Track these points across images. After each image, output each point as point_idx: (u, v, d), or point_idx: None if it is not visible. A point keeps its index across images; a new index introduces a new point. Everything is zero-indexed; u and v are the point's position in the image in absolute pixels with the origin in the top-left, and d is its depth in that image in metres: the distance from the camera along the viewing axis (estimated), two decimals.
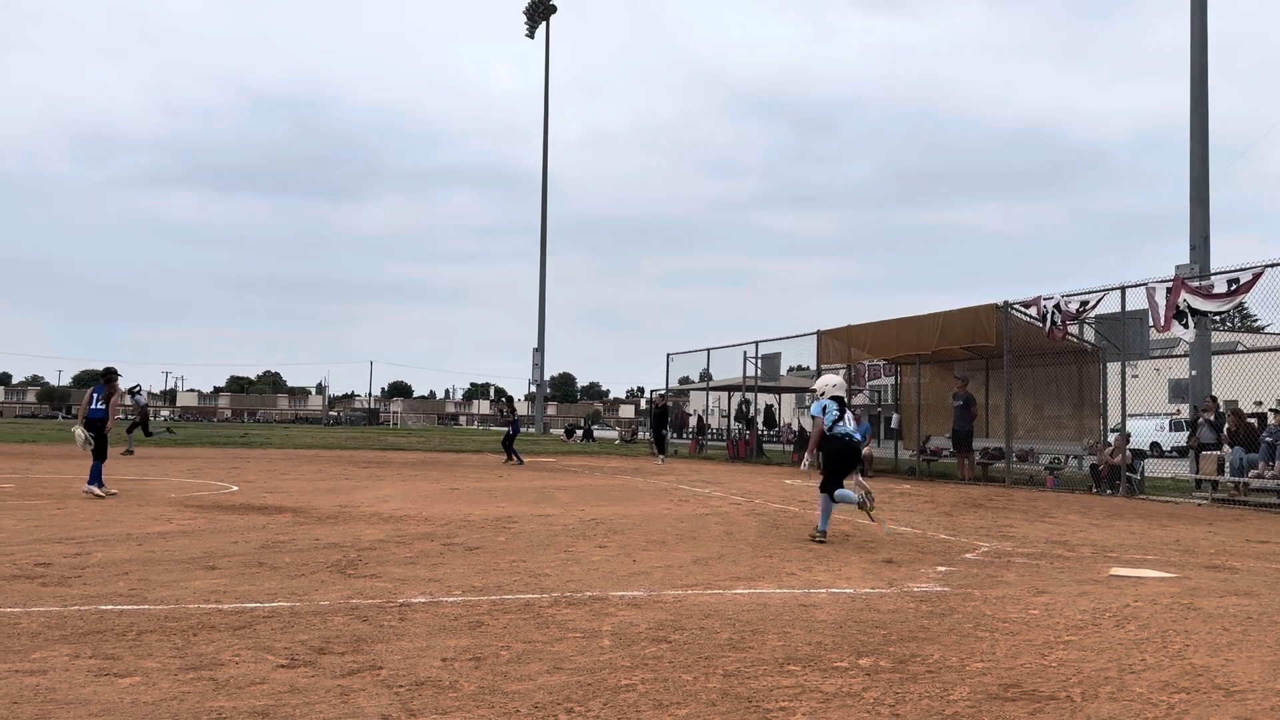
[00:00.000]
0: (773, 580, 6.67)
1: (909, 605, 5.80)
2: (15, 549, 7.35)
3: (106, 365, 13.40)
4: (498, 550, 7.89)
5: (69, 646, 4.35)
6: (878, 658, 4.45)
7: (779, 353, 27.54)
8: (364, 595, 5.75)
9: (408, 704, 3.60)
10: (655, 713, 3.55)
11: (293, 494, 13.18)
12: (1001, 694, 3.89)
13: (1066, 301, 16.76)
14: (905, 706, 3.69)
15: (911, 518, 11.41)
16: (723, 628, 5.03)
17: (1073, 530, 10.37)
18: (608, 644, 4.62)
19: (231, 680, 3.87)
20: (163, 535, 8.42)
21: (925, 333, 19.91)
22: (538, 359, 60.02)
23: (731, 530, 9.68)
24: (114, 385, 13.18)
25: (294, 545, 7.90)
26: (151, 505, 11.18)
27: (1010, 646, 4.75)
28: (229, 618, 5.04)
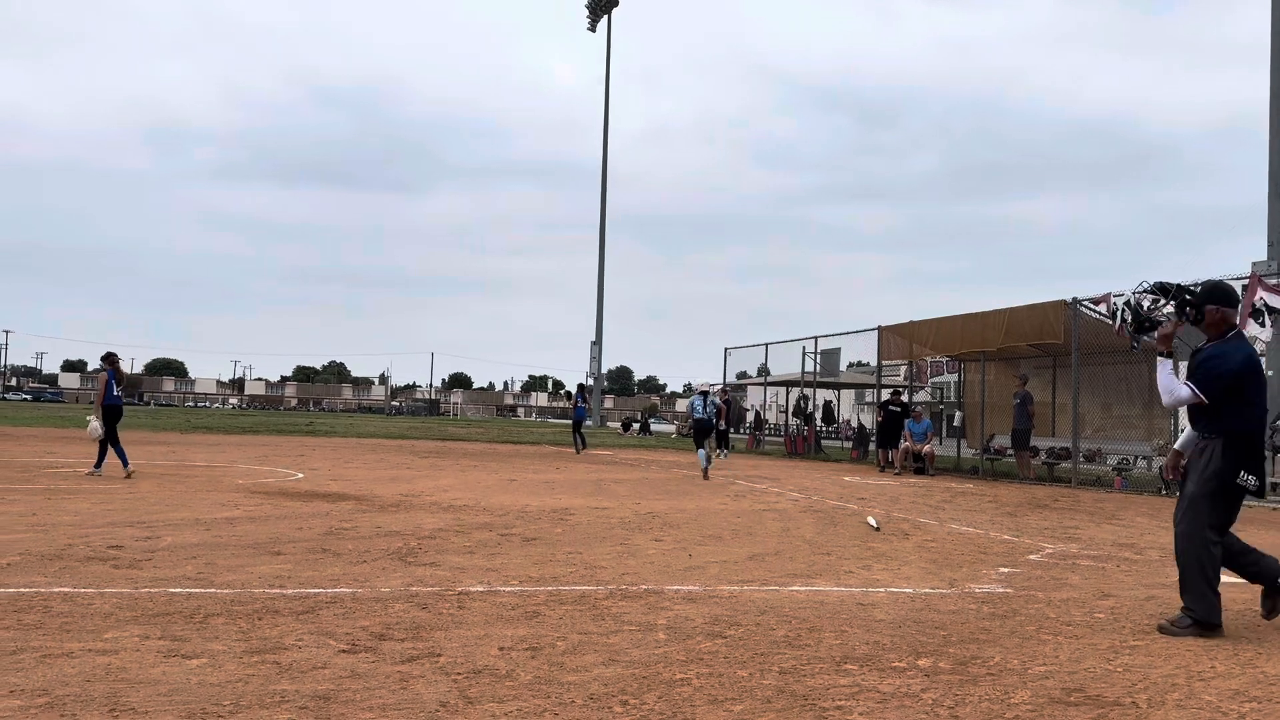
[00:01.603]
0: (830, 578, 6.61)
1: (970, 606, 5.71)
2: (89, 532, 7.59)
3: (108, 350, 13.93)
4: (554, 542, 7.94)
5: (139, 627, 4.48)
6: (937, 659, 4.39)
7: (838, 348, 27.29)
8: (423, 583, 5.83)
9: (465, 691, 3.64)
10: (710, 708, 3.54)
11: (356, 482, 13.42)
12: (1064, 698, 3.81)
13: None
14: (965, 709, 3.63)
15: (974, 517, 11.24)
16: (779, 624, 5.00)
17: (1140, 533, 10.12)
18: (663, 638, 4.62)
19: (294, 664, 3.95)
20: (230, 521, 8.62)
21: (990, 329, 19.56)
22: (595, 352, 60.26)
23: (788, 527, 9.62)
24: (120, 370, 13.83)
25: (356, 533, 8.04)
26: (219, 491, 11.46)
27: (1074, 650, 4.65)
28: (293, 603, 5.15)
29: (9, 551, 6.48)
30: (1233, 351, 5.25)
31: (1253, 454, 5.17)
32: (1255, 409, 5.22)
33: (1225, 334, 5.35)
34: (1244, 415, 5.17)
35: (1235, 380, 5.17)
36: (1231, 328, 5.38)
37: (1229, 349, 5.27)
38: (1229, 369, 5.18)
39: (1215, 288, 5.45)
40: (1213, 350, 5.31)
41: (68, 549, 6.67)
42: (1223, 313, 5.35)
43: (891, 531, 9.39)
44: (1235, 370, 5.18)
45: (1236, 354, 5.23)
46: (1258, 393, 5.24)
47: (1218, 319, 5.34)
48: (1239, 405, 5.16)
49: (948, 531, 9.65)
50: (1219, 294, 5.40)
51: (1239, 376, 5.17)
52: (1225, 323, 5.36)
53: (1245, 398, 5.17)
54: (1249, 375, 5.20)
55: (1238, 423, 5.15)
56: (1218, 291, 5.42)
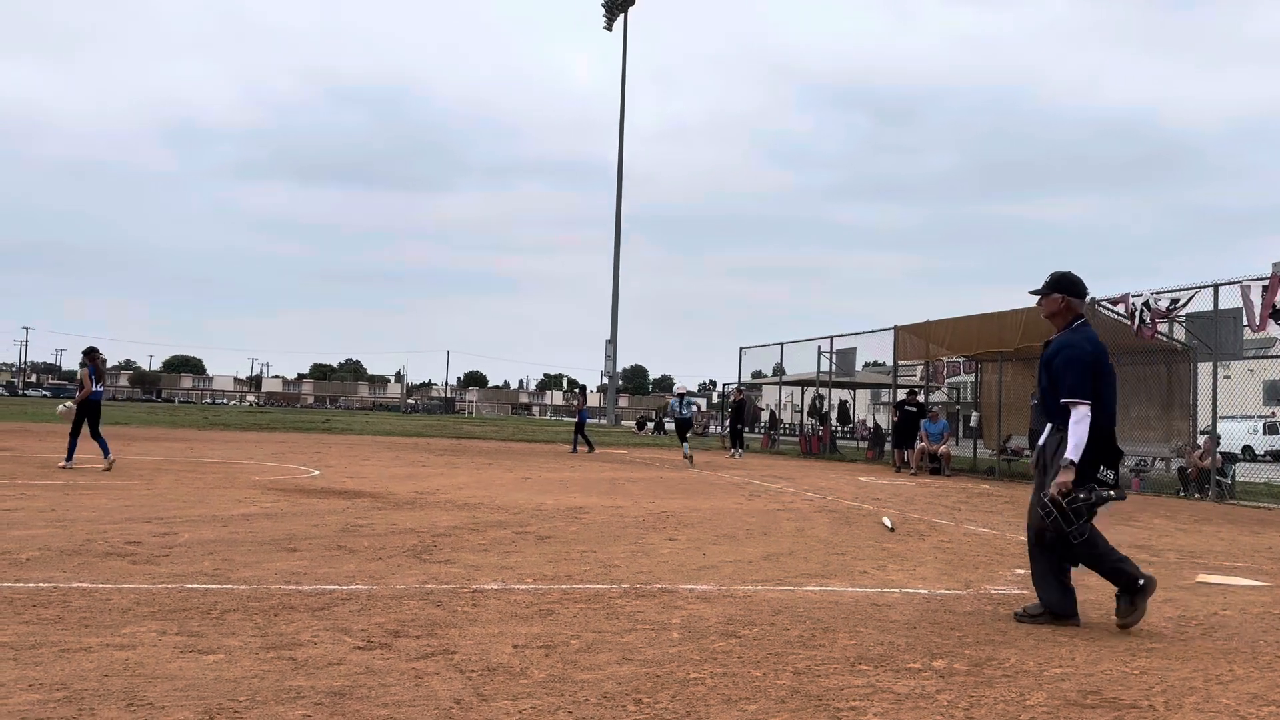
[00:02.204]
0: (845, 578, 6.60)
1: (985, 608, 5.69)
2: (108, 527, 7.65)
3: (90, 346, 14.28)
4: (569, 540, 7.95)
5: (156, 623, 4.51)
6: (952, 660, 4.37)
7: (854, 348, 27.20)
8: (438, 580, 5.85)
9: (479, 689, 3.65)
10: (724, 707, 3.54)
11: (372, 479, 13.47)
12: (1080, 701, 3.79)
13: (1156, 299, 16.23)
14: (980, 710, 3.61)
15: (990, 518, 11.19)
16: (793, 624, 5.00)
17: (1158, 535, 10.05)
18: (677, 637, 4.62)
19: (310, 660, 3.97)
20: (246, 517, 8.67)
21: (1008, 329, 19.46)
22: (610, 350, 60.28)
23: (803, 527, 9.60)
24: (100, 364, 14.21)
25: (372, 530, 8.07)
26: (236, 488, 11.52)
27: (1090, 653, 4.63)
28: (309, 599, 5.17)
29: (28, 547, 6.53)
30: (1081, 341, 5.24)
31: (1108, 447, 5.16)
32: (1105, 401, 5.17)
33: (1071, 324, 5.35)
34: (1094, 408, 5.11)
35: (1084, 365, 5.13)
36: (1078, 318, 5.38)
37: (1077, 339, 5.26)
38: (1082, 358, 5.15)
39: (1063, 277, 5.45)
40: (1062, 340, 5.31)
41: (86, 544, 6.73)
42: (1068, 302, 5.35)
43: (907, 532, 9.35)
44: (1088, 360, 5.15)
45: (1085, 344, 5.22)
46: (1107, 384, 5.21)
47: (1062, 308, 5.35)
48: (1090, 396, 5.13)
49: (964, 532, 9.60)
50: (1065, 283, 5.39)
51: (1090, 366, 5.14)
52: (1071, 312, 5.36)
53: (1096, 389, 5.13)
54: (1099, 365, 5.17)
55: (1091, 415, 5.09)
56: (1064, 281, 5.40)
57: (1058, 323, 5.40)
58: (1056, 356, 5.24)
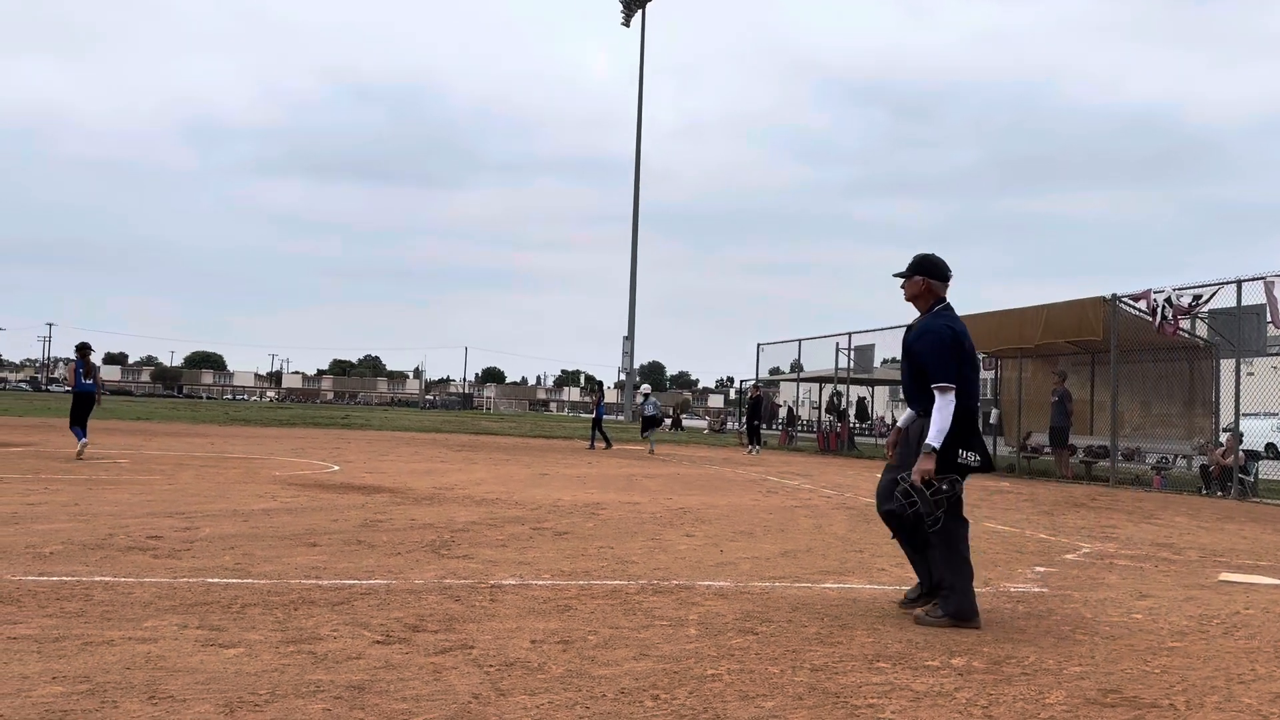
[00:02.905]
0: (863, 575, 6.58)
1: (1005, 605, 5.66)
2: (129, 522, 7.71)
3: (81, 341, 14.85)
4: (586, 536, 7.96)
5: (178, 616, 4.55)
6: (971, 658, 4.35)
7: (873, 344, 27.08)
8: (457, 575, 5.87)
9: (497, 684, 3.66)
10: (741, 704, 3.53)
11: (390, 475, 13.53)
12: (1100, 699, 3.77)
13: (1178, 295, 16.09)
14: (999, 708, 3.60)
15: (1010, 516, 11.14)
16: (810, 621, 4.99)
17: (1180, 533, 9.97)
18: (694, 633, 4.62)
19: (329, 654, 3.99)
20: (266, 512, 8.73)
21: (1028, 325, 19.33)
22: (628, 347, 60.26)
23: (821, 524, 9.58)
24: (90, 360, 14.75)
25: (391, 525, 8.11)
26: (257, 483, 11.60)
27: (1110, 651, 4.60)
28: (328, 593, 5.20)
29: (51, 540, 6.60)
30: (942, 325, 5.20)
31: (970, 429, 5.11)
32: (968, 384, 5.13)
33: (933, 307, 5.33)
34: (959, 391, 5.06)
35: (947, 349, 5.10)
36: (939, 301, 5.34)
37: (938, 323, 5.22)
38: (944, 342, 5.11)
39: (925, 259, 5.40)
40: (924, 325, 5.27)
41: (108, 539, 6.79)
42: (929, 284, 5.33)
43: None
44: (949, 343, 5.11)
45: (946, 328, 5.18)
46: (970, 368, 5.17)
47: (924, 290, 5.33)
48: None
49: (983, 530, 9.56)
50: (927, 266, 5.36)
51: (952, 350, 5.10)
52: (933, 295, 5.34)
53: (960, 372, 5.09)
54: (959, 348, 5.13)
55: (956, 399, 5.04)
56: (926, 263, 5.38)
57: (920, 305, 5.39)
58: (918, 341, 5.22)
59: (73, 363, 14.81)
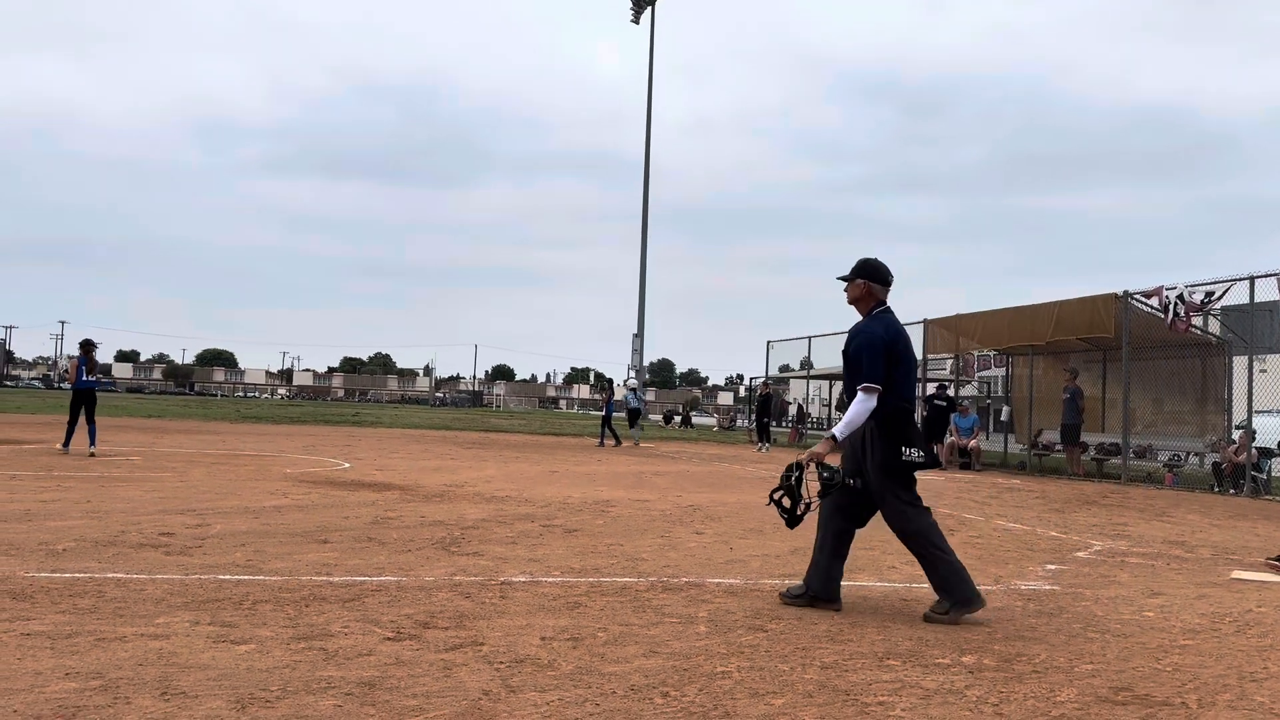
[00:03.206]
0: (873, 573, 6.57)
1: (1016, 603, 5.65)
2: (142, 519, 7.75)
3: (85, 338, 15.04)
4: (596, 533, 7.96)
5: (190, 613, 4.57)
6: (981, 655, 4.34)
7: None
8: (467, 572, 5.88)
9: (508, 680, 3.67)
10: (751, 701, 3.53)
11: (401, 472, 13.56)
12: (1111, 697, 3.76)
13: (1191, 292, 16.00)
14: (1009, 706, 3.59)
15: (1021, 514, 11.10)
16: (820, 619, 4.98)
17: (1192, 530, 9.93)
18: (704, 630, 4.62)
19: (340, 651, 4.00)
20: (278, 509, 8.76)
21: (1039, 322, 19.25)
22: (637, 344, 60.27)
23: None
24: (93, 356, 15.02)
25: (401, 522, 8.13)
26: (268, 480, 11.64)
27: (1122, 649, 4.58)
28: (339, 590, 5.22)
29: (65, 537, 6.64)
30: (875, 327, 5.31)
31: (906, 428, 5.21)
32: (901, 386, 5.23)
33: (873, 310, 5.42)
34: (891, 392, 5.17)
35: (876, 350, 5.19)
36: (880, 304, 5.45)
37: (872, 325, 5.33)
38: (874, 343, 5.21)
39: (867, 264, 5.50)
40: (857, 327, 5.41)
41: (121, 535, 6.82)
42: (869, 288, 5.43)
43: None
44: (879, 345, 5.21)
45: (879, 329, 5.28)
46: (903, 370, 5.26)
47: (865, 294, 5.43)
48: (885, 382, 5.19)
49: (994, 528, 9.53)
50: (868, 270, 5.47)
51: (882, 351, 5.19)
52: (873, 298, 5.44)
53: (889, 374, 5.18)
54: (893, 350, 5.22)
55: (889, 400, 5.16)
56: (867, 267, 5.48)
57: (861, 309, 5.50)
58: (851, 343, 5.37)
59: (75, 359, 14.95)
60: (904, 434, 5.18)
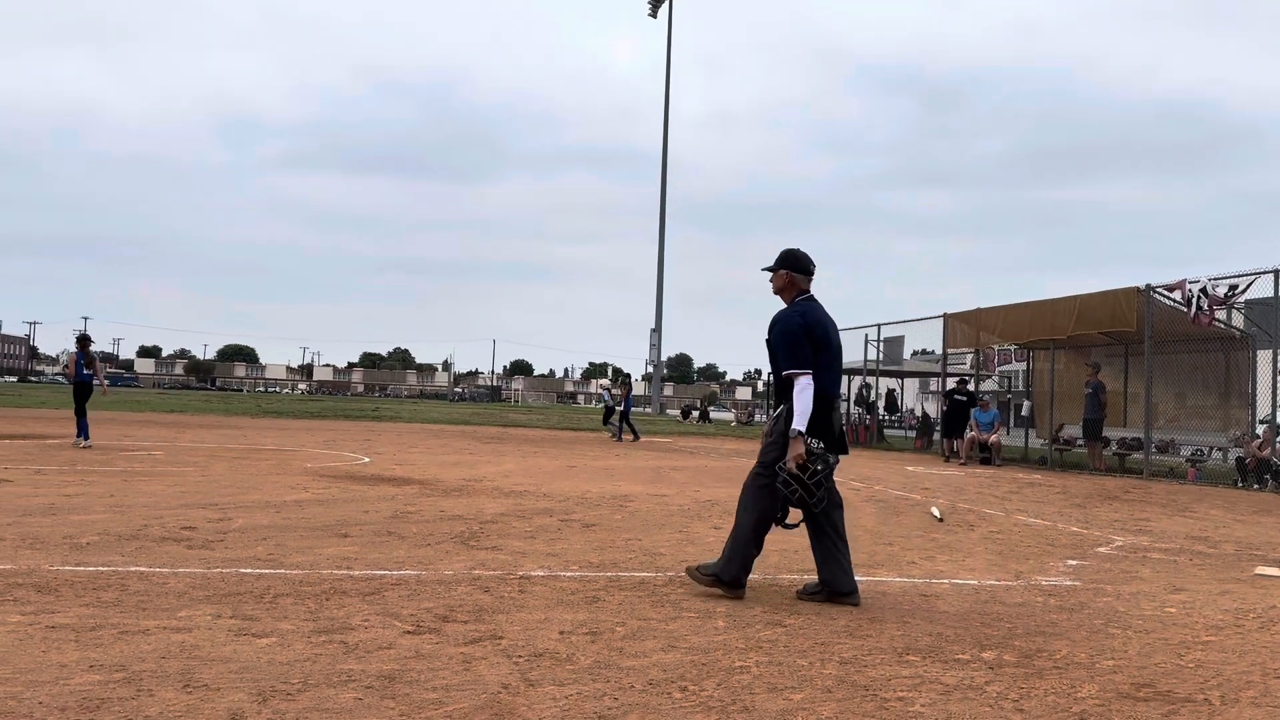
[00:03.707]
0: (892, 568, 6.55)
1: (1036, 599, 5.61)
2: (164, 513, 7.82)
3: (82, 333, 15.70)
4: (614, 528, 7.97)
5: (211, 606, 4.61)
6: (1001, 651, 4.32)
7: (902, 336, 26.93)
8: (486, 567, 5.90)
9: (526, 674, 3.68)
10: (769, 695, 3.53)
11: (420, 466, 13.62)
12: (1133, 693, 3.73)
13: (1214, 285, 15.85)
14: (1030, 702, 3.57)
15: (1042, 509, 11.04)
16: (839, 614, 4.97)
17: (1215, 526, 9.84)
18: (722, 625, 4.62)
19: (361, 644, 4.03)
20: (299, 503, 8.81)
21: (1060, 317, 19.13)
22: (655, 339, 60.21)
23: (849, 517, 9.48)
24: (89, 351, 15.54)
25: (421, 516, 8.17)
26: (288, 475, 11.71)
27: (1144, 645, 4.55)
28: (359, 584, 5.25)
29: (88, 531, 6.70)
30: (793, 315, 5.37)
31: (818, 413, 5.24)
32: (821, 373, 5.27)
33: (795, 300, 5.49)
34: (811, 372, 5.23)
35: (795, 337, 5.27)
36: (802, 293, 5.51)
37: (789, 313, 5.40)
38: (791, 330, 5.30)
39: (788, 254, 5.59)
40: (775, 317, 5.47)
41: (143, 529, 6.88)
42: (791, 277, 5.52)
43: (956, 522, 9.26)
44: (797, 332, 5.28)
45: (796, 317, 5.35)
46: (825, 357, 5.32)
47: (787, 283, 5.53)
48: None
49: (1014, 523, 9.48)
50: (788, 260, 5.56)
51: (801, 338, 5.27)
52: (795, 288, 5.52)
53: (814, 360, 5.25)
54: (813, 336, 5.29)
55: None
56: (788, 257, 5.57)
57: (785, 298, 5.57)
58: (770, 332, 5.44)
59: (74, 354, 15.47)
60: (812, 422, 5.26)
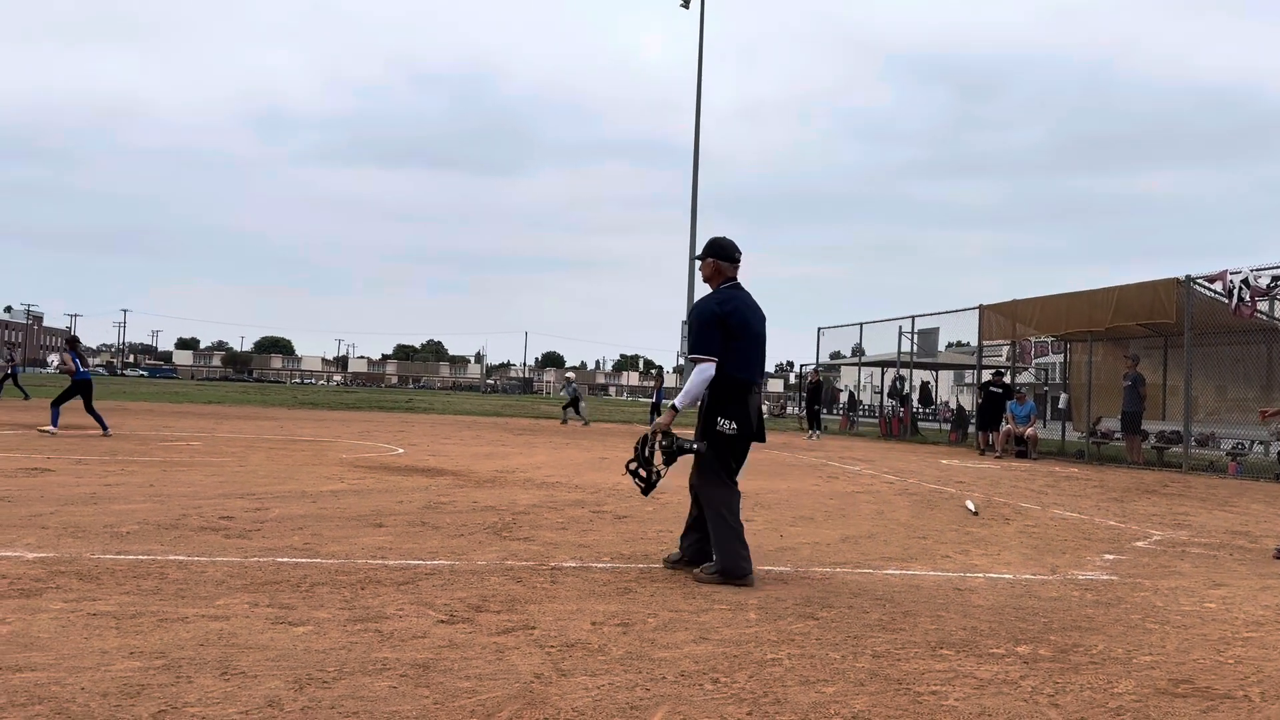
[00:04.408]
0: (926, 562, 6.51)
1: (1072, 593, 5.56)
2: (202, 503, 7.93)
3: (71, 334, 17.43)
4: (645, 520, 7.98)
5: (249, 595, 4.67)
6: (1037, 646, 4.28)
7: (937, 328, 26.67)
8: (518, 557, 5.93)
9: (559, 664, 3.70)
10: (802, 688, 3.52)
11: (453, 458, 13.71)
12: (1171, 689, 3.69)
13: (1256, 276, 15.57)
14: (1065, 697, 3.54)
15: (1078, 503, 10.91)
16: (872, 608, 4.95)
17: (1256, 520, 9.68)
18: (754, 617, 4.62)
19: (395, 633, 4.06)
20: (334, 494, 8.90)
21: (1098, 308, 18.88)
22: (686, 331, 60.10)
23: (883, 509, 9.49)
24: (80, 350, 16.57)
25: (454, 507, 8.22)
26: (324, 465, 11.83)
27: (1182, 640, 4.49)
28: (394, 573, 5.30)
29: (128, 520, 6.81)
30: (710, 302, 5.51)
31: (730, 398, 5.42)
32: (737, 355, 5.41)
33: (721, 285, 5.65)
34: (724, 363, 5.39)
35: (706, 323, 5.41)
36: (727, 280, 5.65)
37: (707, 300, 5.57)
38: (704, 317, 5.44)
39: (713, 242, 5.72)
40: (696, 303, 5.62)
41: (182, 519, 6.98)
42: (716, 265, 5.66)
43: (991, 516, 9.18)
44: (710, 319, 5.41)
45: (713, 304, 5.49)
46: (741, 341, 5.44)
47: (714, 271, 5.67)
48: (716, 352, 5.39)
49: (1050, 517, 9.39)
50: (714, 248, 5.69)
51: (714, 325, 5.39)
52: (721, 275, 5.66)
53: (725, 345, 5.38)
54: (728, 323, 5.40)
55: (720, 371, 5.39)
56: (714, 246, 5.71)
57: (713, 285, 5.69)
58: (689, 317, 5.59)
59: (68, 354, 16.49)
60: (724, 405, 5.45)
